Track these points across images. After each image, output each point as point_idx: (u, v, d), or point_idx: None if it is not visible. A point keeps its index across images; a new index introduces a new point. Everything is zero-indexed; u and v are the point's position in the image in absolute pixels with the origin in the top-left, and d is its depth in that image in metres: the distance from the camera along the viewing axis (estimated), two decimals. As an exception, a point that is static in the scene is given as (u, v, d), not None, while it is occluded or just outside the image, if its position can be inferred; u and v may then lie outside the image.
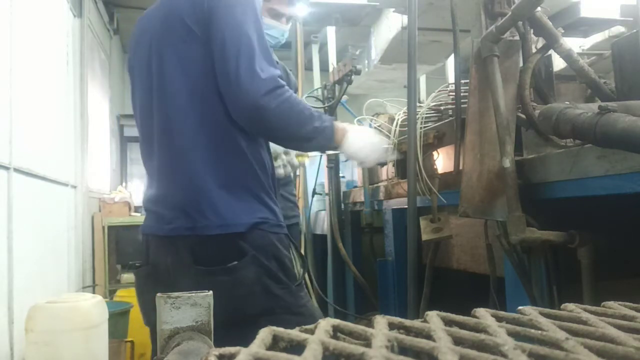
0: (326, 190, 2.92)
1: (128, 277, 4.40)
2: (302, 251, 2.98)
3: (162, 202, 1.40)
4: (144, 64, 1.44)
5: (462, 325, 0.49)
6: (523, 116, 1.36)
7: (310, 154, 2.39)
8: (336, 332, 0.47)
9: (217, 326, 1.37)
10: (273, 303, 1.36)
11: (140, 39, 1.49)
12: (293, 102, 1.30)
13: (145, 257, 1.51)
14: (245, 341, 0.45)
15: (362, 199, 2.59)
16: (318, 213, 3.29)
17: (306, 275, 2.48)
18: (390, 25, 3.36)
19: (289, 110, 1.29)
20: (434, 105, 1.95)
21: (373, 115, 2.45)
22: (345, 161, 3.41)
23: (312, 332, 0.46)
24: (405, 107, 1.88)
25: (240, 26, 1.30)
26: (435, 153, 1.87)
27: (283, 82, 1.30)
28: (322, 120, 1.38)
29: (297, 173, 3.19)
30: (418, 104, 1.82)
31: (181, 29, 1.34)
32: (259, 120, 1.29)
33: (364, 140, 1.49)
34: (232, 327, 1.30)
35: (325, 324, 0.47)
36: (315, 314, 1.45)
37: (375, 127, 2.34)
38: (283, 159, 1.96)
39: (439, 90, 1.99)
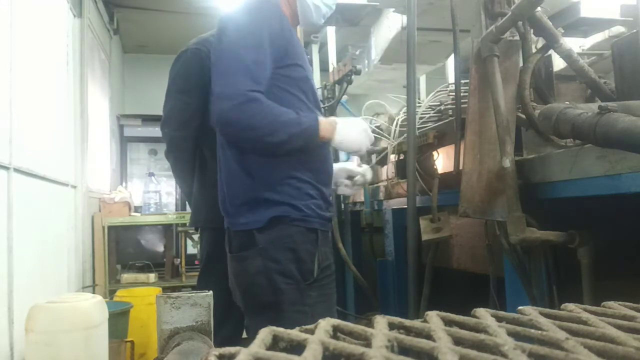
0: (326, 190, 2.92)
1: (128, 277, 4.40)
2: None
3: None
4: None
5: (462, 325, 0.49)
6: (523, 116, 1.36)
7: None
8: (336, 332, 0.47)
9: (239, 310, 1.60)
10: (278, 297, 1.44)
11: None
12: (263, 113, 1.38)
13: None
14: (257, 328, 0.46)
15: (362, 199, 2.59)
16: (318, 213, 3.28)
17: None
18: (390, 25, 3.36)
19: (256, 121, 1.38)
20: (433, 105, 1.95)
21: (373, 116, 2.45)
22: (347, 160, 3.40)
23: (312, 332, 0.46)
24: (405, 107, 1.88)
25: (229, 45, 1.43)
26: (435, 153, 1.87)
27: (254, 96, 1.37)
28: (301, 123, 1.44)
29: None
30: (417, 102, 1.82)
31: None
32: (226, 133, 1.44)
33: (354, 129, 1.55)
34: (247, 312, 1.55)
35: (325, 324, 0.47)
36: (318, 316, 1.46)
37: (374, 127, 2.34)
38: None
39: (438, 90, 1.99)
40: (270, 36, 1.45)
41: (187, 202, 2.26)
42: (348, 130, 1.53)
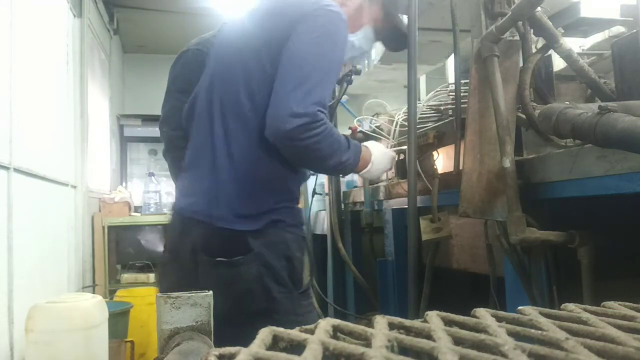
0: (326, 190, 2.92)
1: (128, 277, 4.40)
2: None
3: (195, 190, 1.48)
4: (220, 71, 1.50)
5: (462, 325, 0.49)
6: (523, 116, 1.36)
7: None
8: (336, 332, 0.47)
9: (218, 319, 1.42)
10: (271, 305, 1.38)
11: (225, 43, 1.55)
12: (323, 137, 1.32)
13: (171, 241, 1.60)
14: (243, 338, 0.45)
15: (362, 199, 2.59)
16: (318, 213, 3.28)
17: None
18: (391, 25, 3.35)
19: (316, 145, 1.31)
20: (432, 105, 1.95)
21: (373, 115, 2.45)
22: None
23: (312, 332, 0.46)
24: (405, 107, 1.87)
25: (309, 53, 1.34)
26: (435, 153, 1.87)
27: (321, 117, 1.30)
28: (349, 154, 1.42)
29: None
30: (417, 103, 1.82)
31: (264, 47, 1.39)
32: (284, 147, 1.34)
33: (381, 165, 1.59)
34: (232, 322, 1.38)
35: (325, 324, 0.47)
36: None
37: (374, 127, 2.34)
38: None
39: (438, 90, 1.99)
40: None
41: None
42: (377, 166, 1.57)
